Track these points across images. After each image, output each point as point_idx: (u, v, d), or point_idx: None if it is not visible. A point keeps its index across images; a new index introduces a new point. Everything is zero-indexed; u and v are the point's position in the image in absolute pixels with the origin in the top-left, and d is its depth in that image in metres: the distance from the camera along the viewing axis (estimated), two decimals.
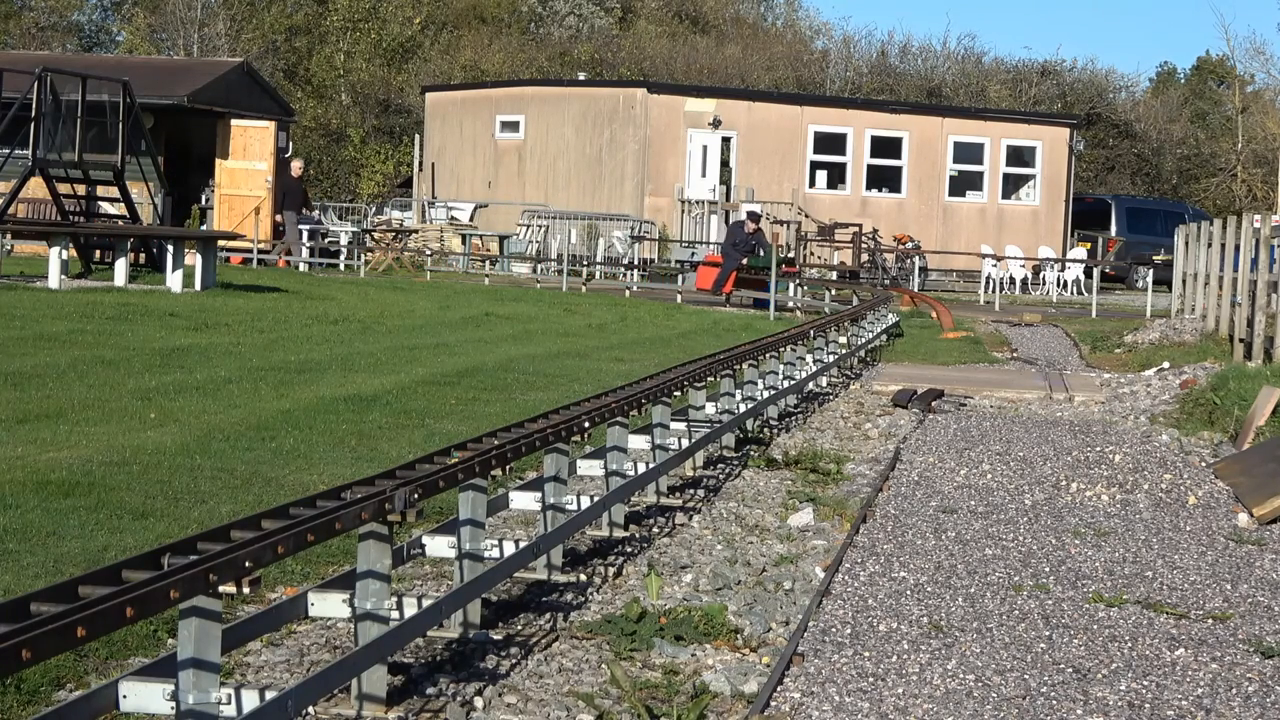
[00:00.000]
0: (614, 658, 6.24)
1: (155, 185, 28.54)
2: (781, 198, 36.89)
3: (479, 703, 5.64)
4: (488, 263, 36.00)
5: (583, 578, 7.32)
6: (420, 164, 42.81)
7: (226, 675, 5.43)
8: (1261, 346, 17.79)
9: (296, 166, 33.85)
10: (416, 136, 44.84)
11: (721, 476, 10.54)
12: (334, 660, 5.36)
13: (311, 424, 10.82)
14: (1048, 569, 8.19)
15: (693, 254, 34.21)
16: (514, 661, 6.15)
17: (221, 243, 27.24)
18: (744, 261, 27.89)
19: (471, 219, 39.33)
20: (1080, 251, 39.30)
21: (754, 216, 29.36)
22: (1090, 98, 59.80)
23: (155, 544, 5.64)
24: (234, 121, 33.65)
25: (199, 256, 22.53)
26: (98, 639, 4.49)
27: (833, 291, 27.93)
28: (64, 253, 21.32)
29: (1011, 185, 41.00)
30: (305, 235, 33.03)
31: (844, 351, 16.76)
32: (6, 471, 8.48)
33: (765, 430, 12.55)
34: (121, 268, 22.10)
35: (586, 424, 7.48)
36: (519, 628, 6.65)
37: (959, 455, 11.43)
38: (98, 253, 25.14)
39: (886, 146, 39.58)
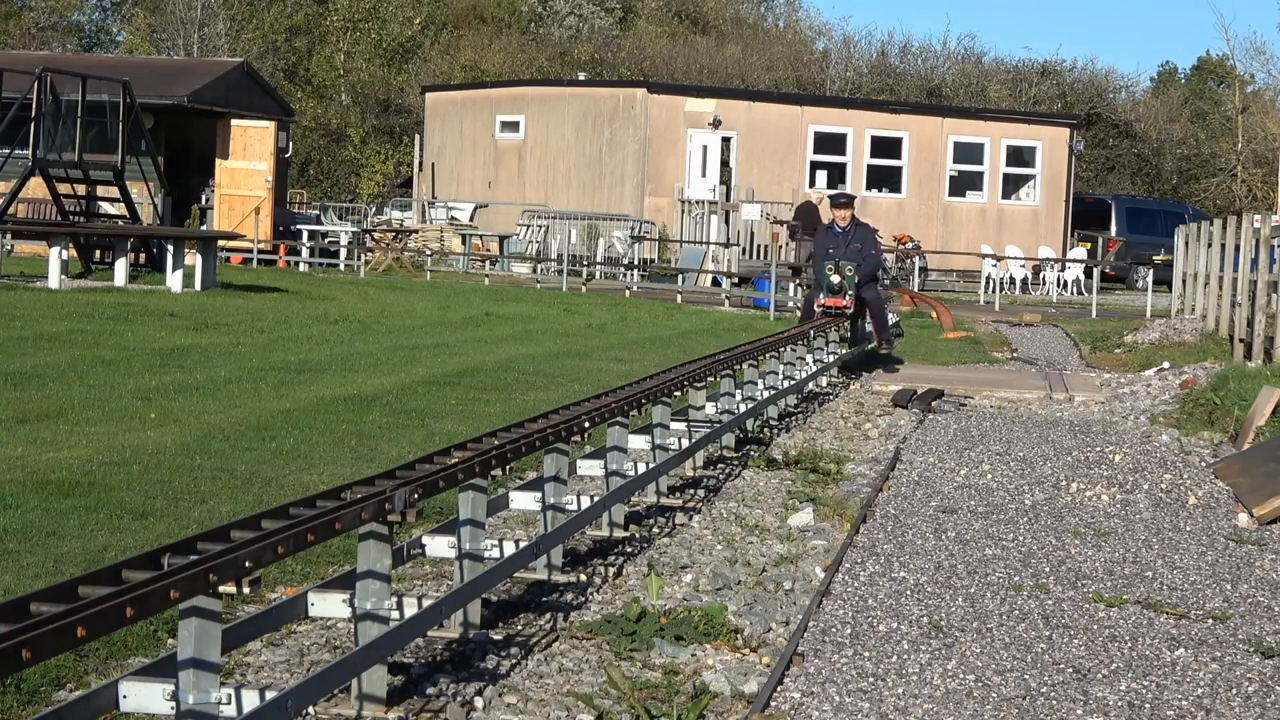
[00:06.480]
0: (614, 658, 6.24)
1: (155, 185, 28.57)
2: (781, 198, 36.88)
3: (479, 703, 5.63)
4: (488, 263, 36.01)
5: (583, 578, 7.32)
6: (420, 164, 42.81)
7: (226, 675, 5.43)
8: (1261, 346, 17.78)
9: (816, 197, 30.43)
10: (416, 136, 44.84)
11: (721, 476, 10.54)
12: (334, 660, 5.36)
13: (311, 424, 10.82)
14: (1048, 569, 8.18)
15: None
16: (514, 661, 6.15)
17: (221, 243, 27.26)
18: (834, 278, 17.12)
19: (471, 219, 39.34)
20: (1080, 251, 39.30)
21: (840, 201, 18.01)
22: (1090, 98, 59.83)
23: (155, 544, 5.63)
24: (234, 121, 33.67)
25: (199, 256, 22.55)
26: (98, 639, 4.49)
27: None
28: (64, 253, 21.34)
29: (1011, 185, 41.01)
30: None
31: (844, 351, 16.75)
32: (6, 471, 8.48)
33: (765, 430, 12.54)
34: (121, 268, 22.11)
35: (586, 424, 7.48)
36: (519, 628, 6.65)
37: (959, 455, 11.42)
38: (98, 253, 25.16)
39: (886, 146, 39.59)
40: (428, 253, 34.04)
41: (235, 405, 11.53)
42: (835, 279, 17.06)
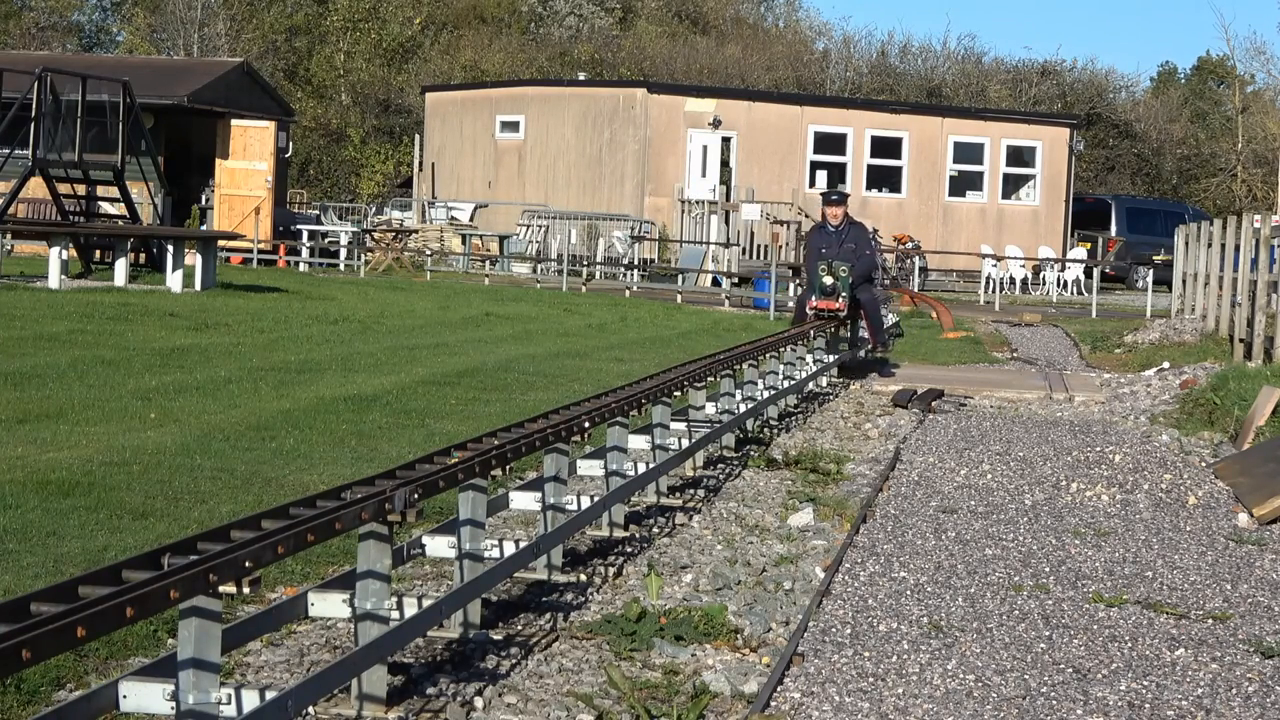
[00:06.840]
0: (614, 658, 6.23)
1: (155, 185, 28.58)
2: (781, 198, 36.89)
3: (479, 703, 5.63)
4: (488, 263, 36.02)
5: (583, 578, 7.32)
6: (420, 164, 42.81)
7: (226, 675, 5.43)
8: (1261, 346, 17.78)
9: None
10: (416, 136, 44.84)
11: (721, 476, 10.54)
12: (334, 660, 5.35)
13: (311, 424, 10.82)
14: (1048, 569, 8.18)
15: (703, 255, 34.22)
16: (514, 661, 6.15)
17: (221, 243, 27.26)
18: (825, 280, 16.08)
19: (471, 219, 39.34)
20: (1080, 251, 39.31)
21: (832, 198, 17.30)
22: (1090, 98, 59.84)
23: (155, 544, 5.63)
24: (234, 121, 33.67)
25: (199, 256, 22.55)
26: (98, 639, 4.49)
27: None
28: (64, 253, 21.34)
29: (1011, 185, 41.01)
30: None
31: (844, 351, 16.74)
32: (6, 471, 8.48)
33: (765, 430, 12.54)
34: (121, 268, 22.11)
35: (586, 424, 7.47)
36: (519, 628, 6.65)
37: (959, 455, 11.42)
38: (98, 253, 25.17)
39: (886, 146, 39.59)
40: (428, 253, 34.03)
41: (235, 405, 11.53)
42: (828, 280, 16.06)
